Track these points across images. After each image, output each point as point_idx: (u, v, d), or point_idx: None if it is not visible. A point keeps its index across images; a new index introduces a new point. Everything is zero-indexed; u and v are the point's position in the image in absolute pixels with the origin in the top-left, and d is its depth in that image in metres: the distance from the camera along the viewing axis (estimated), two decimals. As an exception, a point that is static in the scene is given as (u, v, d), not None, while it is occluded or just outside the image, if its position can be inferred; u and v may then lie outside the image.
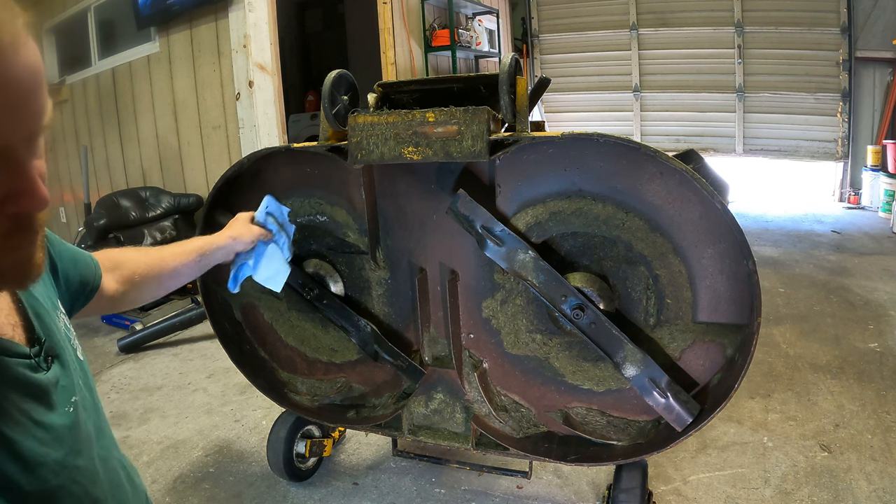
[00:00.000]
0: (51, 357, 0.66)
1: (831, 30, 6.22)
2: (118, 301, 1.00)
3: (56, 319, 0.71)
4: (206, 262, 1.21)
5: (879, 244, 4.89)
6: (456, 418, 1.68)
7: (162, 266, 1.09)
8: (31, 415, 0.59)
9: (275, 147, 1.58)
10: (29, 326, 0.65)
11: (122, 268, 1.01)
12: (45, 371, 0.64)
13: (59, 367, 0.66)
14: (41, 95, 0.50)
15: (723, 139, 7.02)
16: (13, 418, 0.57)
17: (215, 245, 1.24)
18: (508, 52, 1.68)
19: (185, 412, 2.60)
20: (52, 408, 0.62)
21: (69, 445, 0.63)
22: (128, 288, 1.01)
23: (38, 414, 0.60)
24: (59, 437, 0.62)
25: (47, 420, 0.61)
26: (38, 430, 0.60)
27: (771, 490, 1.93)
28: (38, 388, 0.62)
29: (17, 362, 0.61)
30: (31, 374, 0.61)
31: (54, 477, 0.60)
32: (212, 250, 1.22)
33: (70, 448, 0.63)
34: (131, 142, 4.75)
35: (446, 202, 1.49)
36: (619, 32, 7.24)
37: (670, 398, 1.38)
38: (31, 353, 0.63)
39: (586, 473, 2.05)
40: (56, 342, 0.68)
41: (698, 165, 1.36)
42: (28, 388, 0.60)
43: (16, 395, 0.59)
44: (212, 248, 1.23)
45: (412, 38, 5.45)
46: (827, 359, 2.83)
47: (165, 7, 4.12)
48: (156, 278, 1.08)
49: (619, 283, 1.47)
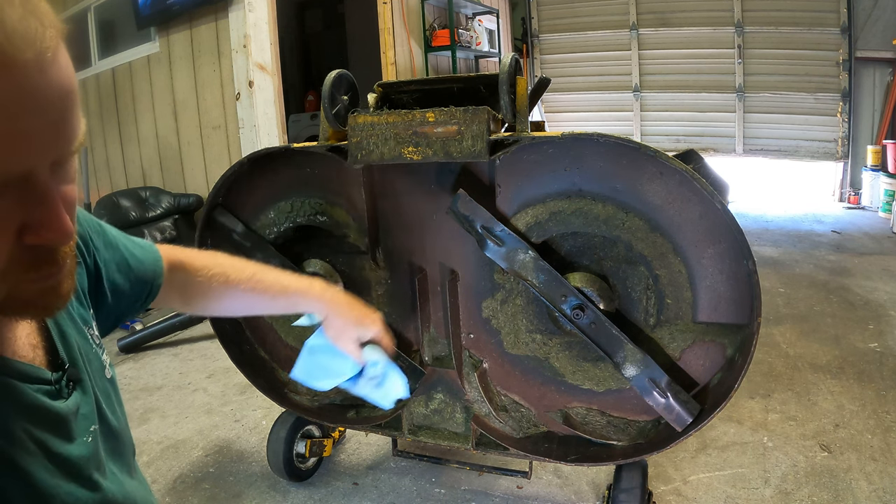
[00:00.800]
0: (72, 383, 0.61)
1: (831, 30, 6.22)
2: (179, 307, 0.94)
3: (84, 336, 0.67)
4: (290, 309, 1.00)
5: (879, 244, 4.89)
6: (456, 418, 1.68)
7: (233, 293, 0.94)
8: (47, 445, 0.55)
9: (275, 147, 1.58)
10: (51, 348, 0.60)
11: (186, 281, 0.91)
12: (66, 399, 0.59)
13: (80, 394, 0.62)
14: (73, 117, 0.44)
15: (723, 139, 7.03)
16: (27, 448, 0.53)
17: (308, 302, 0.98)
18: (508, 52, 1.68)
19: (185, 412, 2.60)
20: (70, 439, 0.58)
21: (86, 477, 0.59)
22: (186, 301, 0.94)
23: (55, 445, 0.56)
24: (76, 469, 0.58)
25: (64, 451, 0.57)
26: (54, 462, 0.56)
27: (771, 490, 1.93)
28: (56, 416, 0.57)
29: (37, 388, 0.56)
30: (49, 401, 0.57)
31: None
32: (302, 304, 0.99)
33: (87, 480, 0.60)
34: (131, 142, 4.75)
35: (446, 202, 1.49)
36: (619, 32, 7.25)
37: (670, 398, 1.38)
38: (52, 378, 0.58)
39: (586, 473, 2.05)
40: (80, 366, 0.63)
41: (698, 165, 1.36)
42: (46, 417, 0.56)
43: (31, 424, 0.55)
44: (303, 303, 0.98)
45: (412, 38, 5.45)
46: (827, 359, 2.83)
47: (165, 7, 4.12)
48: (216, 303, 0.95)
49: (619, 283, 1.47)
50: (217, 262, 0.93)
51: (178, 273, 0.90)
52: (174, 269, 0.89)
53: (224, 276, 0.92)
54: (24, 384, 0.55)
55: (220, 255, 0.95)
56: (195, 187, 4.39)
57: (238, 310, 1.00)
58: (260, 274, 0.95)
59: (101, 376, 0.69)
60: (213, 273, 0.91)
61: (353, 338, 1.00)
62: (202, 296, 0.93)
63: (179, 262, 0.90)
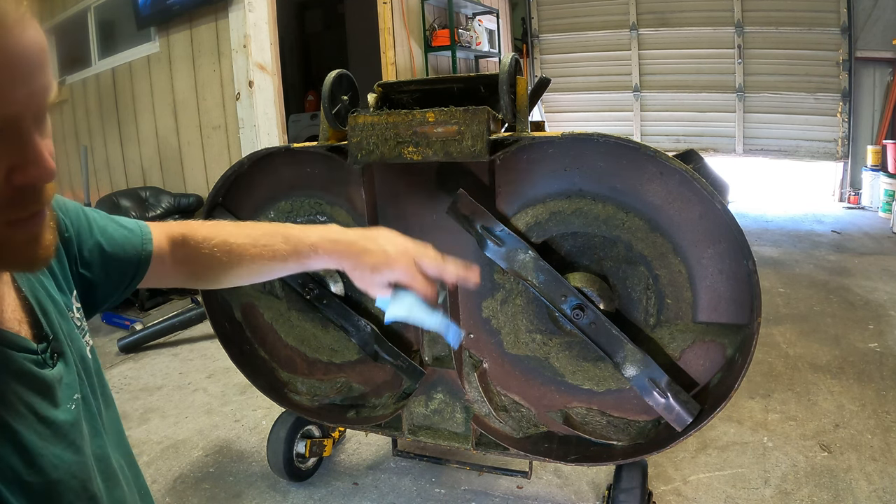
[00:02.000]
0: (56, 354, 0.66)
1: (831, 30, 6.22)
2: (185, 282, 0.90)
3: (64, 316, 0.71)
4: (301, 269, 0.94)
5: (879, 244, 4.89)
6: (456, 418, 1.68)
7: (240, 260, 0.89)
8: (35, 409, 0.60)
9: (275, 147, 1.58)
10: (35, 323, 0.65)
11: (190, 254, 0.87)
12: (51, 368, 0.64)
13: (62, 365, 0.66)
14: (47, 72, 0.51)
15: (723, 139, 7.03)
16: (17, 411, 0.58)
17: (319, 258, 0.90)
18: (508, 52, 1.68)
19: (185, 412, 2.60)
20: (55, 404, 0.63)
21: (70, 441, 0.64)
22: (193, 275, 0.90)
23: (43, 409, 0.61)
24: (61, 433, 0.63)
25: (50, 415, 0.61)
26: (41, 425, 0.60)
27: (771, 490, 1.93)
28: (43, 383, 0.62)
29: (24, 357, 0.61)
30: (36, 369, 0.62)
31: (54, 470, 0.60)
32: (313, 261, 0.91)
33: (71, 443, 0.64)
34: (131, 142, 4.75)
35: (446, 202, 1.49)
36: (619, 32, 7.25)
37: (670, 398, 1.38)
38: (38, 349, 0.63)
39: (586, 473, 2.05)
40: (62, 340, 0.68)
41: (698, 165, 1.36)
42: (33, 383, 0.61)
43: (20, 388, 0.59)
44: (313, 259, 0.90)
45: (412, 38, 5.45)
46: (827, 359, 2.83)
47: (165, 7, 4.12)
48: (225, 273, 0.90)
49: (619, 283, 1.47)
50: (220, 230, 0.89)
51: (179, 248, 0.86)
52: (175, 245, 0.86)
53: (227, 245, 0.88)
54: (13, 352, 0.60)
55: (226, 223, 0.91)
56: (195, 187, 4.39)
57: (248, 278, 0.94)
58: (267, 237, 0.89)
59: (84, 354, 0.72)
60: (216, 242, 0.87)
61: (377, 283, 0.91)
62: (209, 268, 0.88)
63: (181, 235, 0.87)
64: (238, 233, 0.89)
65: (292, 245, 0.89)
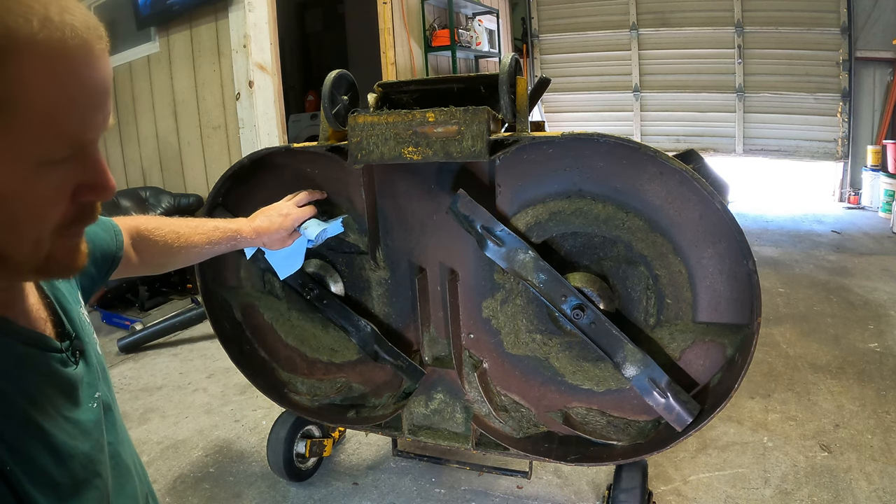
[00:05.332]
0: (78, 352, 0.67)
1: (831, 30, 6.22)
2: (139, 269, 1.04)
3: (80, 314, 0.72)
4: (231, 248, 1.28)
5: (879, 244, 4.89)
6: (456, 418, 1.68)
7: (188, 245, 1.13)
8: (61, 410, 0.61)
9: (275, 147, 1.58)
10: (58, 321, 0.66)
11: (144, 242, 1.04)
12: (74, 367, 0.65)
13: (84, 364, 0.67)
14: (110, 100, 0.55)
15: (723, 139, 7.02)
16: (47, 412, 0.58)
17: (244, 239, 1.31)
18: (508, 52, 1.68)
19: (185, 412, 2.60)
20: (78, 404, 0.64)
21: (94, 440, 0.65)
22: (147, 261, 1.04)
23: (67, 410, 0.62)
24: (86, 432, 0.63)
25: (75, 416, 0.62)
26: (69, 424, 0.61)
27: (771, 490, 1.93)
28: (67, 382, 0.63)
29: (51, 357, 0.62)
30: (61, 368, 0.63)
31: (82, 470, 0.61)
32: (241, 242, 1.30)
33: (95, 442, 0.65)
34: (131, 142, 4.75)
35: (446, 202, 1.49)
36: (619, 32, 7.24)
37: (670, 398, 1.38)
38: (62, 347, 0.64)
39: (586, 473, 2.05)
40: (83, 338, 0.69)
41: (698, 165, 1.36)
42: (60, 383, 0.62)
43: (50, 389, 0.60)
44: (240, 240, 1.29)
45: (412, 38, 5.45)
46: (827, 359, 2.83)
47: (165, 7, 4.11)
48: (175, 256, 1.12)
49: (619, 283, 1.47)
50: (164, 222, 1.10)
51: (136, 240, 1.01)
52: (133, 237, 1.00)
53: (175, 233, 1.10)
54: (41, 352, 0.61)
55: (163, 217, 1.12)
56: (195, 187, 4.39)
57: (192, 258, 1.17)
58: (202, 226, 1.18)
59: (95, 352, 0.73)
60: (166, 231, 1.08)
61: (287, 235, 1.42)
62: (161, 253, 1.07)
63: (135, 228, 1.01)
64: (181, 223, 1.13)
65: (222, 231, 1.23)
